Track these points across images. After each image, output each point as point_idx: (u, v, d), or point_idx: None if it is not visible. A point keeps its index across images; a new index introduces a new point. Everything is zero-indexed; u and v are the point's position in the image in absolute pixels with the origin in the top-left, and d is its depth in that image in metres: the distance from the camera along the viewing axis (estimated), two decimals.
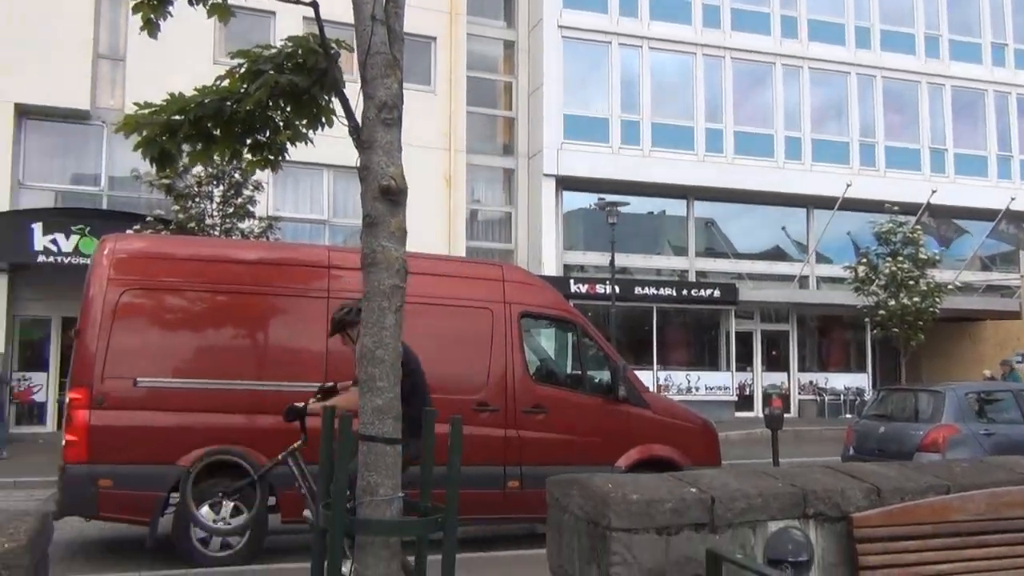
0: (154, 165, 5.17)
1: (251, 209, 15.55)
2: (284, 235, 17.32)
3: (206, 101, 4.52)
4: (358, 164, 3.27)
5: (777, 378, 24.32)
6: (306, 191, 20.16)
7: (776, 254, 25.32)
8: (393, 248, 3.12)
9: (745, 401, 23.83)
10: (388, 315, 3.06)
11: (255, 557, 7.40)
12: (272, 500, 7.58)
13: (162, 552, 7.39)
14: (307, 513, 6.34)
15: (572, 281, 21.62)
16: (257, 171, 5.71)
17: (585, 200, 23.17)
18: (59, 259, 16.12)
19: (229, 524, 7.37)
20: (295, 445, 6.31)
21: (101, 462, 7.07)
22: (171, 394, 7.38)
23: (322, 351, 7.80)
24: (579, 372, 9.02)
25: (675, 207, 24.46)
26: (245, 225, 15.49)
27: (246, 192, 15.35)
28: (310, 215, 20.17)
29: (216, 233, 14.83)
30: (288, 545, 8.36)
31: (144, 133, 4.98)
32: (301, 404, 6.23)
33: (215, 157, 5.33)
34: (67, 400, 7.27)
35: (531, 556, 7.58)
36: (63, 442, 7.21)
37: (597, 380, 9.12)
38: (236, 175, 14.92)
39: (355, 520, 2.92)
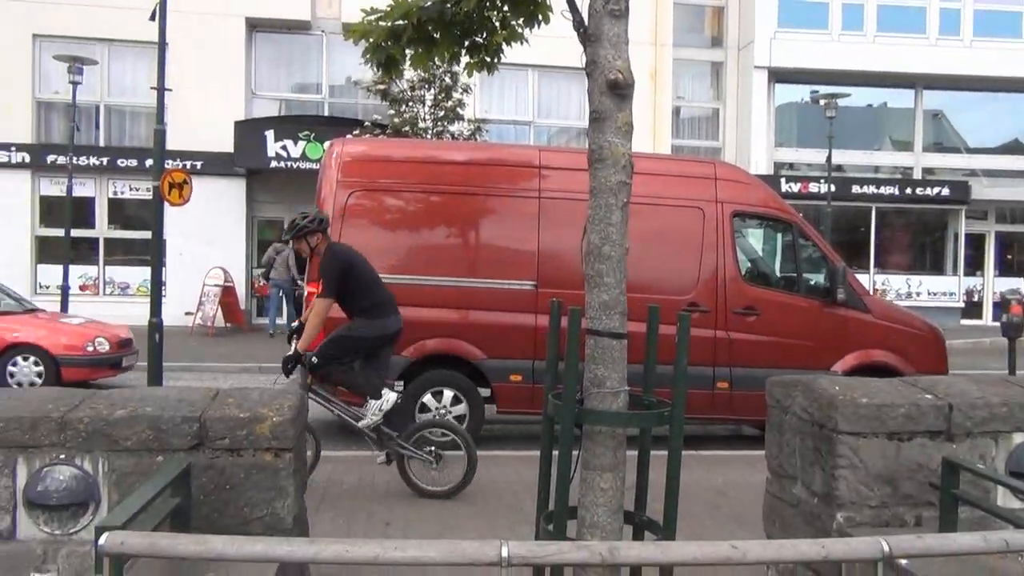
0: (380, 71, 5.38)
1: (460, 112, 15.93)
2: (491, 137, 17.65)
3: (428, 4, 4.61)
4: (583, 60, 3.24)
5: (1012, 284, 22.28)
6: (511, 93, 20.30)
7: (1016, 148, 22.85)
8: (620, 143, 3.10)
9: (973, 308, 22.10)
10: (615, 212, 3.07)
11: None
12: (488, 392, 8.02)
13: None
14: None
15: (783, 180, 20.65)
16: (467, 74, 5.79)
17: (799, 93, 21.77)
18: (289, 164, 17.31)
19: (450, 412, 7.88)
20: (309, 381, 6.28)
21: None
22: (396, 290, 7.81)
23: (533, 250, 8.00)
24: (794, 273, 8.71)
25: (899, 98, 22.51)
26: (455, 127, 15.91)
27: (455, 95, 15.71)
28: (515, 116, 20.35)
29: (428, 136, 15.35)
30: (503, 434, 8.83)
31: (371, 40, 5.20)
32: (291, 352, 6.27)
33: (435, 60, 5.47)
34: (305, 293, 7.91)
35: (747, 457, 7.59)
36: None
37: (813, 282, 8.78)
38: (446, 79, 15.28)
39: (584, 410, 3.02)
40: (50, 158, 17.85)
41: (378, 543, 1.93)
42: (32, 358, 9.92)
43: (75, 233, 16.09)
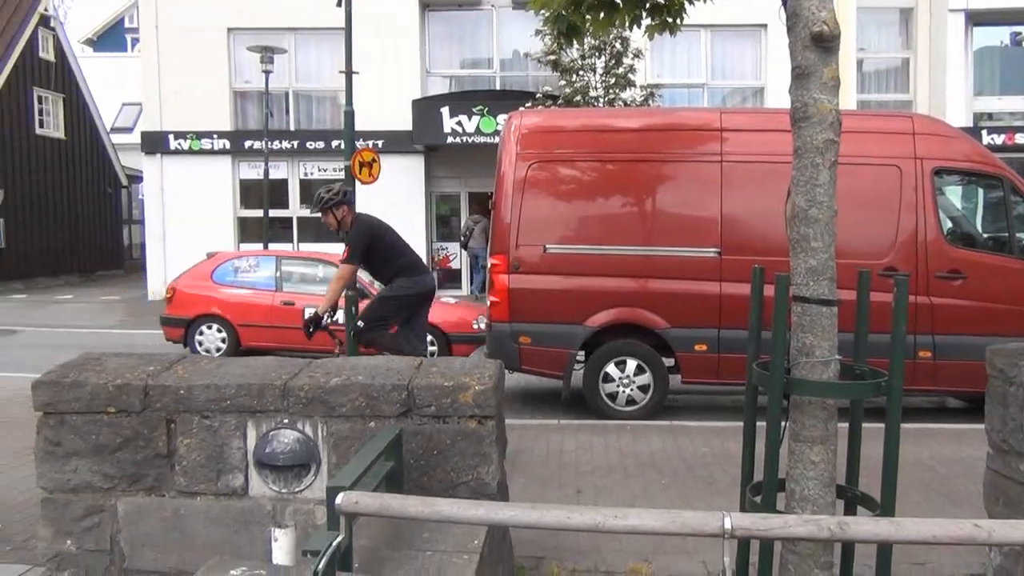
0: (561, 40, 5.38)
1: (631, 78, 15.69)
2: (663, 102, 17.29)
3: None
4: (782, 15, 3.08)
5: None
6: (683, 55, 19.77)
7: None
8: (826, 100, 2.94)
9: None
10: (822, 172, 2.92)
11: (657, 414, 7.82)
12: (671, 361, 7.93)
13: (575, 404, 8.09)
14: None
15: (985, 131, 19.01)
16: (647, 37, 5.65)
17: (999, 35, 19.90)
18: (464, 139, 17.69)
19: (634, 382, 7.85)
20: (336, 352, 6.38)
21: (520, 321, 7.84)
22: (576, 259, 7.88)
23: (715, 216, 7.79)
24: (1004, 233, 8.02)
25: None
26: (627, 94, 15.70)
27: (626, 61, 15.49)
28: (688, 79, 19.83)
29: (600, 104, 15.23)
30: (687, 405, 8.71)
31: (551, 9, 5.20)
32: (311, 315, 6.36)
33: (615, 25, 5.39)
34: (489, 265, 8.09)
35: (954, 431, 7.12)
36: (488, 302, 8.09)
37: None
38: (616, 45, 15.08)
39: (793, 379, 2.90)
40: (247, 143, 19.14)
41: (597, 511, 1.95)
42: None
43: (272, 213, 17.20)
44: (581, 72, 15.62)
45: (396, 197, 18.00)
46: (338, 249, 7.35)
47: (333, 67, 19.16)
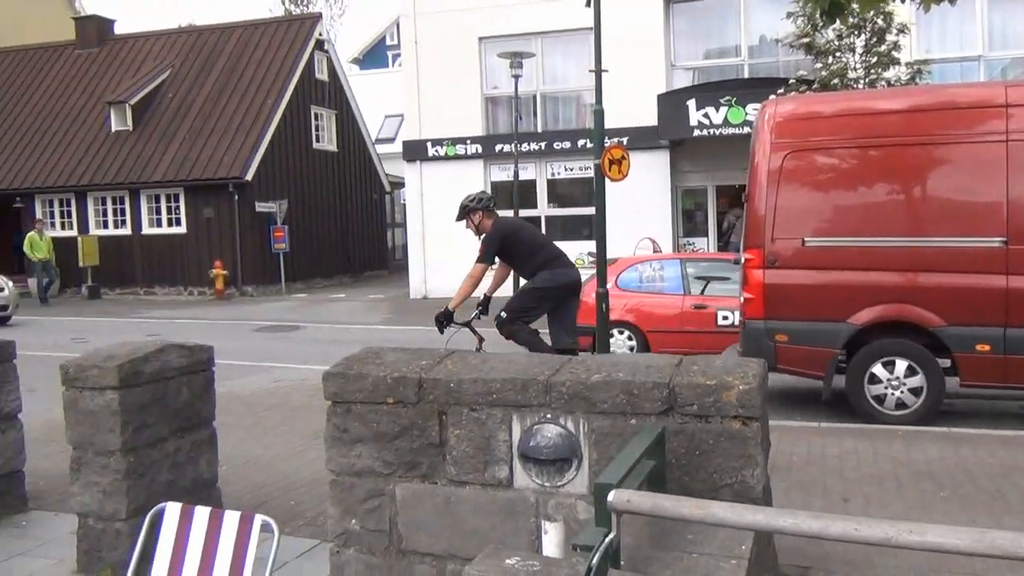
0: (822, 20, 5.08)
1: (895, 56, 14.53)
2: (932, 79, 15.86)
3: None
4: None
5: None
6: (954, 26, 18.04)
7: None
8: None
9: None
10: None
11: (932, 419, 7.19)
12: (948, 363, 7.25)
13: (837, 406, 7.64)
14: None
15: None
16: (923, 9, 5.18)
17: None
18: (711, 131, 17.27)
19: (904, 384, 7.27)
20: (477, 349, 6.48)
21: (776, 318, 7.51)
22: (838, 253, 7.43)
23: (1000, 201, 7.03)
24: None
25: None
26: (890, 74, 14.57)
27: (889, 38, 14.37)
28: (960, 53, 18.06)
29: (860, 86, 14.26)
30: (968, 410, 7.93)
31: None
32: (443, 310, 6.80)
33: None
34: (742, 260, 7.83)
35: None
36: (741, 299, 7.83)
37: None
38: (879, 21, 14.04)
39: None
40: (497, 147, 19.92)
41: (889, 524, 1.81)
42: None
43: (522, 213, 17.77)
44: (838, 53, 14.70)
45: (642, 193, 17.92)
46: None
47: (579, 68, 19.44)
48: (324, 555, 4.03)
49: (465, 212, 7.04)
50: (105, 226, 24.43)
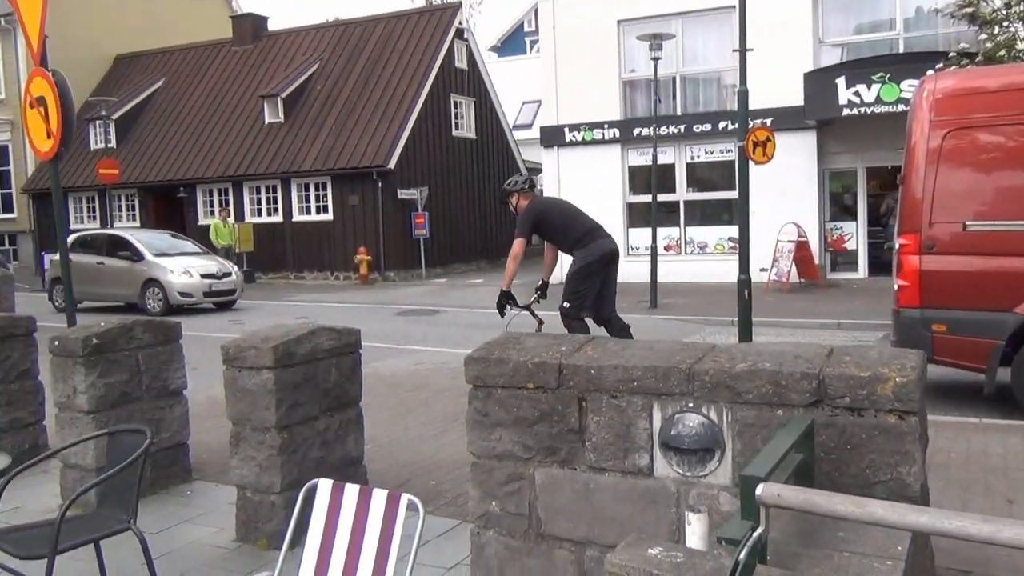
0: None
1: None
2: None
3: None
4: None
5: None
6: None
7: None
8: None
9: None
10: None
11: None
12: None
13: (1001, 401, 7.15)
14: None
15: None
16: None
17: None
18: (862, 110, 16.46)
19: None
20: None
21: (933, 307, 7.09)
22: (1002, 237, 6.93)
23: None
24: None
25: None
26: None
27: None
28: None
29: None
30: None
31: None
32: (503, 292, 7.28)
33: None
34: (897, 246, 7.42)
35: None
36: (895, 287, 7.43)
37: None
38: None
39: None
40: (635, 131, 19.68)
41: None
42: None
43: (660, 198, 17.51)
44: (1006, 23, 13.67)
45: (787, 176, 17.30)
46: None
47: (720, 48, 18.93)
48: (464, 535, 4.11)
49: (505, 195, 7.57)
50: (259, 214, 25.77)
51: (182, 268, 17.28)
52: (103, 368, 5.23)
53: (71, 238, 17.96)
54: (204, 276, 17.31)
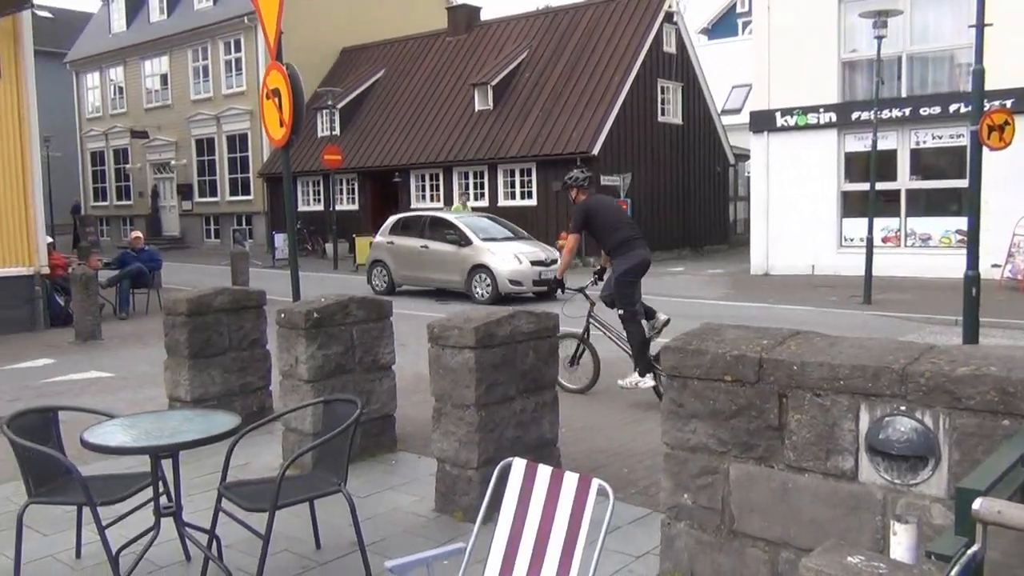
0: None
1: None
2: None
3: None
4: None
5: None
6: None
7: None
8: None
9: None
10: None
11: None
12: None
13: None
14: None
15: None
16: None
17: None
18: None
19: None
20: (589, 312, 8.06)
21: None
22: None
23: None
24: None
25: None
26: None
27: None
28: None
29: None
30: None
31: None
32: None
33: None
34: None
35: None
36: None
37: None
38: None
39: None
40: (854, 115, 18.55)
41: None
42: None
43: (879, 186, 16.42)
44: None
45: None
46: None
47: (954, 23, 17.45)
48: (654, 524, 4.09)
49: (566, 186, 8.17)
50: (467, 199, 26.70)
51: (512, 254, 15.88)
52: (322, 340, 5.63)
53: (392, 219, 18.09)
54: (533, 263, 15.79)
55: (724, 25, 45.67)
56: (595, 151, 23.37)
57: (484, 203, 26.11)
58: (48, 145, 28.97)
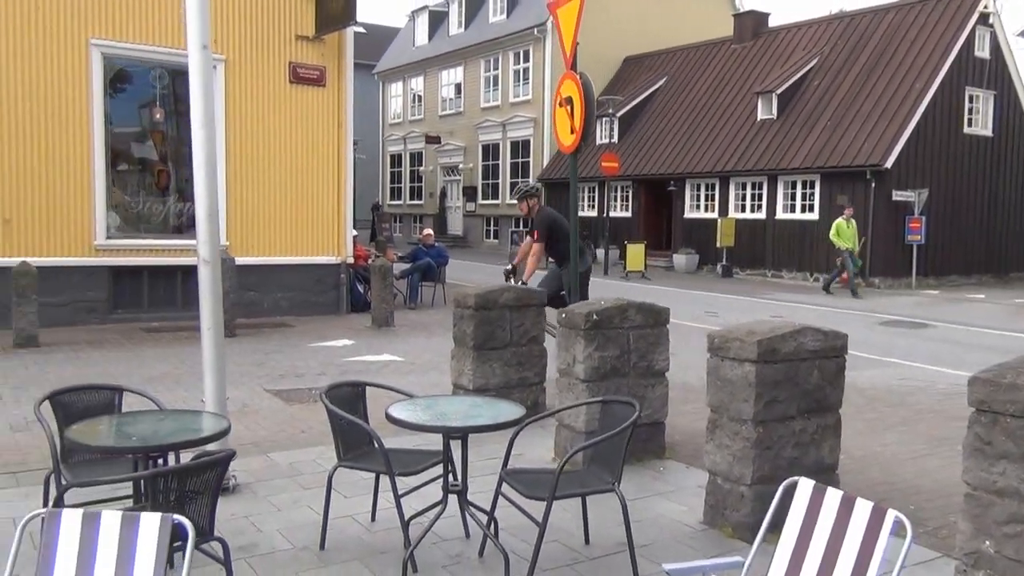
0: None
1: None
2: None
3: None
4: None
5: None
6: None
7: None
8: None
9: None
10: None
11: None
12: None
13: None
14: None
15: None
16: None
17: None
18: None
19: None
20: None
21: None
22: None
23: None
24: None
25: None
26: None
27: None
28: None
29: None
30: None
31: None
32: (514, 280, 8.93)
33: None
34: None
35: None
36: None
37: None
38: None
39: None
40: None
41: None
42: None
43: None
44: None
45: None
46: None
47: None
48: (945, 570, 3.78)
49: (526, 195, 8.98)
50: (742, 210, 25.99)
51: None
52: (599, 342, 5.78)
53: None
54: None
55: None
56: (888, 164, 21.81)
57: (761, 215, 25.29)
58: (357, 148, 32.07)
